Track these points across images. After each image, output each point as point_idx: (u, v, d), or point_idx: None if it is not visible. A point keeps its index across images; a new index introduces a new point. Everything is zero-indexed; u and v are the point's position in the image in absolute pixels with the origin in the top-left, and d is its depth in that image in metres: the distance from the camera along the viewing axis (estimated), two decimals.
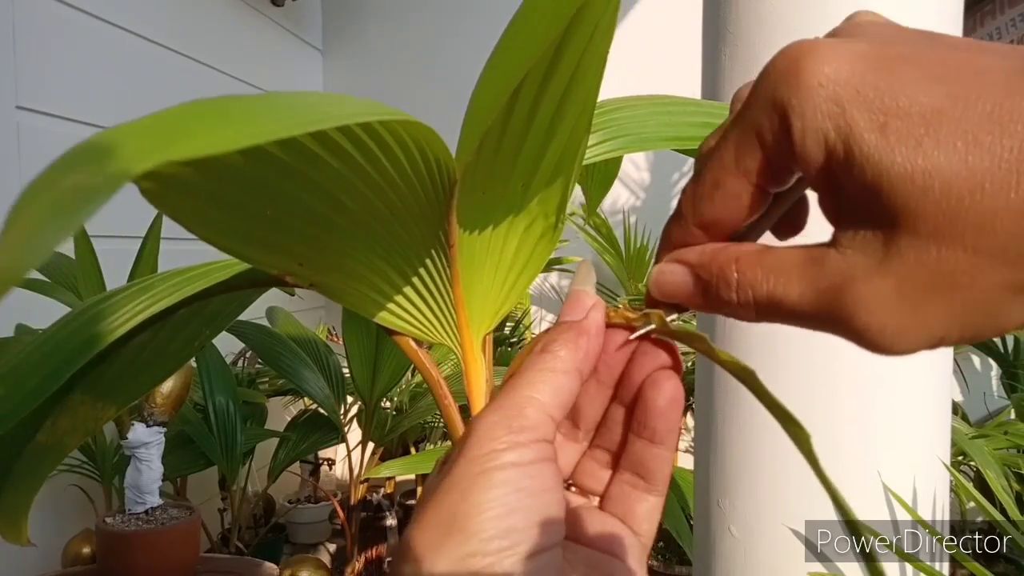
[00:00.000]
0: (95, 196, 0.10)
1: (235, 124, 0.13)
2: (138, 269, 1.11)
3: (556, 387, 0.23)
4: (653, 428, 0.25)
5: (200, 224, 0.22)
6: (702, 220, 0.22)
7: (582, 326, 0.24)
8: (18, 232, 0.09)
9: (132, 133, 0.12)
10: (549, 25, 0.20)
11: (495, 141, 0.23)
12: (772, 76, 0.19)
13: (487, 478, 0.21)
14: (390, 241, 0.24)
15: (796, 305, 0.20)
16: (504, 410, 0.22)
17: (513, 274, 0.27)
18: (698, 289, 0.22)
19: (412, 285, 0.26)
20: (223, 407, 1.41)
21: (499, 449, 0.21)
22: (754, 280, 0.20)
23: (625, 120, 0.32)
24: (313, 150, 0.19)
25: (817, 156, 0.18)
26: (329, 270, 0.25)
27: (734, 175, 0.21)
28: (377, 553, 1.66)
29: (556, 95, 0.23)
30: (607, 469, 0.27)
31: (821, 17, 0.72)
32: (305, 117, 0.14)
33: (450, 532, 0.20)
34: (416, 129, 0.19)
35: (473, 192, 0.24)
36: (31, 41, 1.35)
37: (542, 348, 0.24)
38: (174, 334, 0.35)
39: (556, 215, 0.26)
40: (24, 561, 1.31)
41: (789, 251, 0.20)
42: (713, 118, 0.34)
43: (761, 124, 0.19)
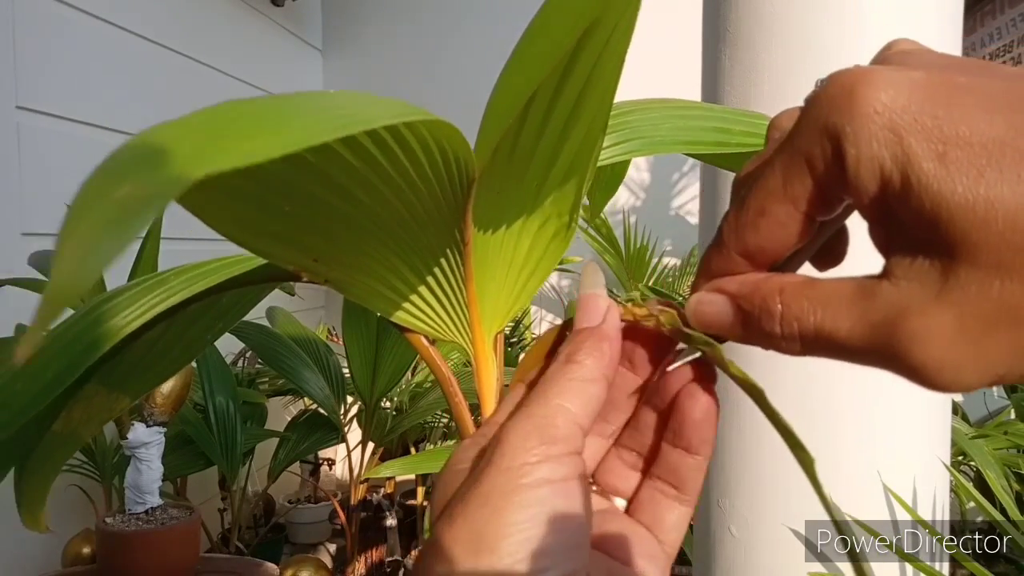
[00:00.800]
0: (150, 206, 0.10)
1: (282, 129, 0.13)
2: (138, 269, 1.11)
3: (586, 397, 0.23)
4: (688, 439, 0.24)
5: (220, 219, 0.22)
6: (745, 248, 0.21)
7: (603, 332, 0.24)
8: (72, 249, 0.09)
9: (180, 138, 0.12)
10: (570, 28, 0.20)
11: (511, 141, 0.23)
12: (824, 102, 0.19)
13: (520, 496, 0.20)
14: (406, 239, 0.24)
15: (846, 340, 0.19)
16: (536, 419, 0.22)
17: (525, 273, 0.28)
18: (739, 320, 0.22)
19: (426, 283, 0.26)
20: (223, 407, 1.41)
21: (532, 463, 0.21)
22: (800, 312, 0.20)
23: (639, 123, 0.32)
24: (336, 149, 0.19)
25: (871, 185, 0.18)
26: (345, 267, 0.25)
27: (781, 202, 0.20)
28: (378, 555, 1.66)
29: (572, 96, 0.23)
30: (635, 471, 0.26)
31: (821, 18, 0.72)
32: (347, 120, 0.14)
33: (480, 550, 0.20)
34: (439, 128, 0.19)
35: (488, 191, 0.24)
36: (31, 41, 1.35)
37: (567, 358, 0.23)
38: (187, 326, 0.35)
39: (570, 215, 0.26)
40: (24, 561, 1.30)
41: (837, 282, 0.20)
42: (726, 123, 0.34)
43: (812, 150, 0.19)
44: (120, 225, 0.10)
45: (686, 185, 2.42)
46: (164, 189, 0.10)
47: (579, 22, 0.20)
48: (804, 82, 0.73)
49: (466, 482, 0.22)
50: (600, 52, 0.22)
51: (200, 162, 0.11)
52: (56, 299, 0.09)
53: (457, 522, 0.21)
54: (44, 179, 1.37)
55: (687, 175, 2.41)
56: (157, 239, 1.12)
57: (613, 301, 0.25)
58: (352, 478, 1.60)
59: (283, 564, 1.42)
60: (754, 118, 0.36)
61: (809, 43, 0.73)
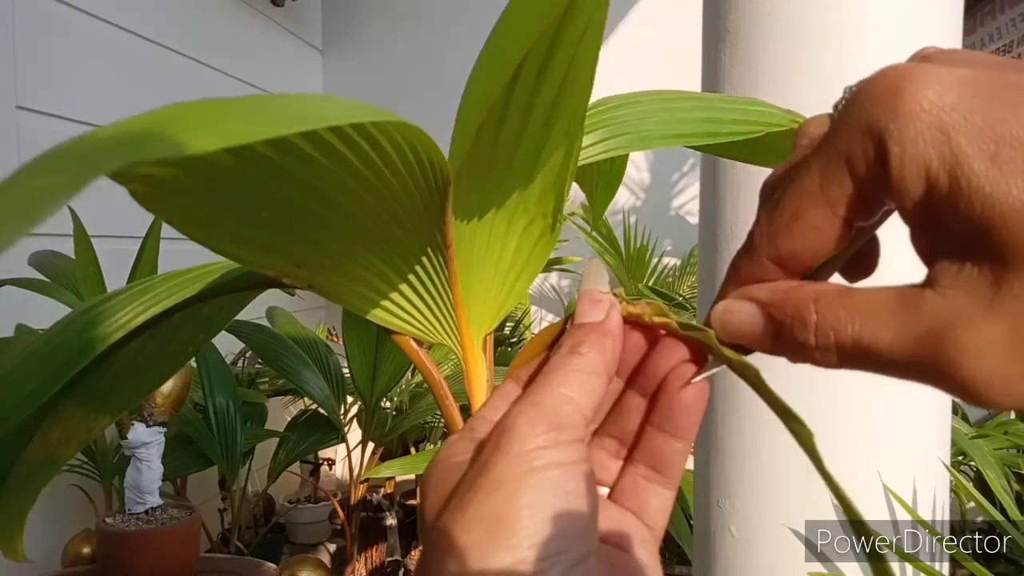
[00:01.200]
0: (56, 196, 0.10)
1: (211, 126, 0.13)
2: (138, 269, 1.11)
3: (589, 388, 0.22)
4: (676, 422, 0.24)
5: (193, 226, 0.22)
6: (777, 254, 0.20)
7: (606, 327, 0.23)
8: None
9: (98, 138, 0.12)
10: (536, 22, 0.20)
11: (490, 142, 0.23)
12: (867, 99, 0.18)
13: (534, 478, 0.20)
14: (387, 241, 0.24)
15: (886, 352, 0.18)
16: (542, 407, 0.22)
17: (513, 274, 0.27)
18: (769, 330, 0.21)
19: (411, 285, 0.26)
20: (223, 407, 1.41)
21: (542, 447, 0.21)
22: (836, 322, 0.19)
23: (625, 117, 0.31)
24: (305, 150, 0.19)
25: (916, 187, 0.17)
26: (327, 271, 0.25)
27: (818, 205, 0.19)
28: (378, 555, 1.66)
29: (550, 95, 0.23)
30: (616, 459, 0.26)
31: (821, 18, 0.72)
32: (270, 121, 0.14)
33: (496, 535, 0.20)
34: (406, 130, 0.19)
35: (470, 193, 0.24)
36: (31, 41, 1.35)
37: (569, 349, 0.23)
38: (168, 339, 0.35)
39: (553, 216, 0.26)
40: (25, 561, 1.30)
41: (877, 291, 0.19)
42: (716, 111, 0.34)
43: (852, 150, 0.18)
44: (26, 211, 0.10)
45: (686, 185, 2.41)
46: (70, 182, 0.11)
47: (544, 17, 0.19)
48: (804, 82, 0.73)
49: (470, 472, 0.22)
50: (575, 48, 0.21)
51: (116, 156, 0.11)
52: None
53: (469, 509, 0.20)
54: None
55: (687, 175, 2.41)
56: (157, 239, 1.12)
57: (616, 299, 0.24)
58: (352, 478, 1.60)
59: (283, 564, 1.42)
60: (744, 104, 0.36)
61: (809, 43, 0.73)
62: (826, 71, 0.72)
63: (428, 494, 0.23)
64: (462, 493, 0.21)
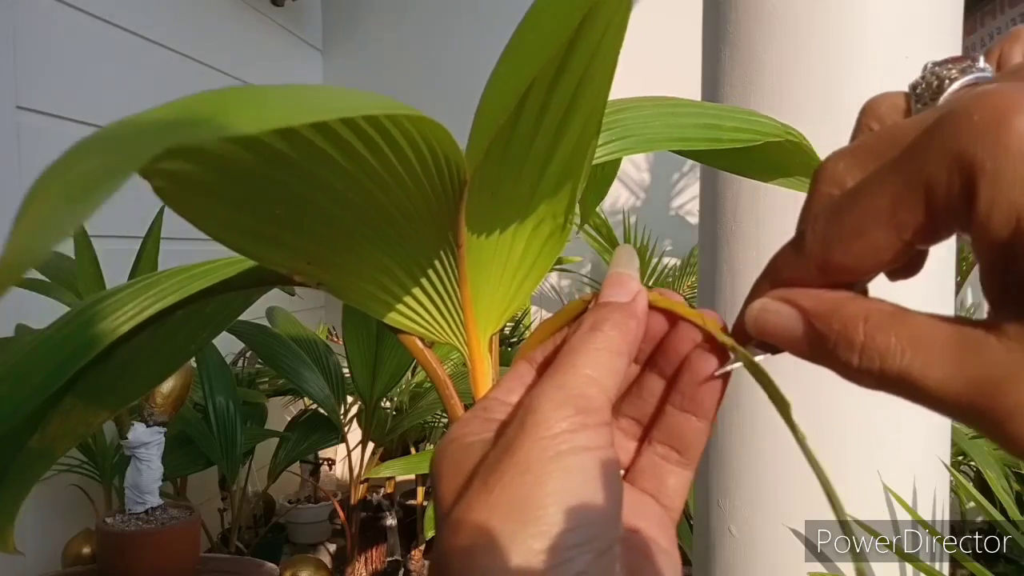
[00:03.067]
0: (106, 182, 0.10)
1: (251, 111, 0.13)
2: (138, 269, 1.11)
3: (612, 368, 0.22)
4: (699, 401, 0.24)
5: (210, 222, 0.22)
6: (827, 263, 0.19)
7: (631, 309, 0.23)
8: (32, 217, 0.09)
9: (141, 123, 0.12)
10: (561, 24, 0.20)
11: (504, 141, 0.23)
12: (963, 126, 0.16)
13: (561, 463, 0.20)
14: (399, 241, 0.24)
15: (934, 390, 0.17)
16: (568, 389, 0.21)
17: (520, 274, 0.27)
18: (809, 339, 0.20)
19: (420, 285, 0.26)
20: (223, 407, 1.41)
21: (569, 430, 0.20)
22: (886, 349, 0.18)
23: (630, 121, 0.32)
24: (320, 146, 0.19)
25: (1002, 232, 0.16)
26: (338, 269, 0.25)
27: (884, 227, 0.18)
28: (378, 555, 1.66)
29: (566, 95, 0.23)
30: (633, 440, 0.26)
31: (821, 17, 0.72)
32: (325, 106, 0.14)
33: (524, 521, 0.19)
34: (426, 126, 0.19)
35: (482, 192, 0.24)
36: (31, 41, 1.35)
37: (591, 327, 0.23)
38: (171, 336, 0.35)
39: (565, 215, 0.26)
40: (24, 561, 1.30)
41: (932, 323, 0.18)
42: (717, 120, 0.34)
43: (935, 178, 0.17)
44: (77, 198, 0.10)
45: (686, 185, 2.41)
46: (118, 168, 0.10)
47: (569, 19, 0.19)
48: (804, 81, 0.73)
49: (492, 453, 0.21)
50: (594, 51, 0.21)
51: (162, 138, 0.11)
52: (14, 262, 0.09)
53: (495, 492, 0.20)
54: None
55: (687, 175, 2.41)
56: (157, 239, 1.12)
57: (644, 287, 0.24)
58: (352, 478, 1.60)
59: (283, 564, 1.42)
60: (745, 115, 0.36)
61: (809, 42, 0.73)
62: (827, 71, 0.72)
63: (443, 474, 0.22)
64: (484, 475, 0.21)
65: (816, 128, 0.76)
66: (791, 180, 0.41)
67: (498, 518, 0.19)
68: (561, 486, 0.19)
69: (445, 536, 0.20)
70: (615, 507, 0.21)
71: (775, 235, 0.75)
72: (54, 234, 0.09)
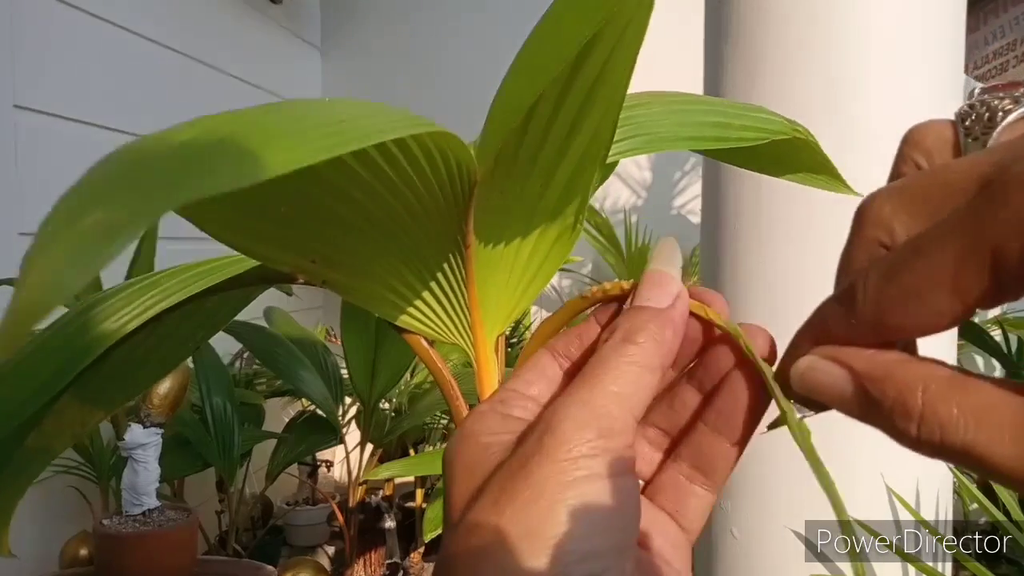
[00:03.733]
0: (120, 234, 0.09)
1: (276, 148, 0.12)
2: (135, 269, 1.10)
3: (641, 385, 0.21)
4: (735, 423, 0.22)
5: (212, 222, 0.21)
6: (880, 322, 0.18)
7: (668, 315, 0.22)
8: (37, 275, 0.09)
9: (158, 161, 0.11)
10: (582, 27, 0.19)
11: (515, 142, 0.23)
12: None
13: (577, 490, 0.19)
14: (407, 242, 0.24)
15: (1003, 467, 0.16)
16: (592, 408, 0.20)
17: (528, 275, 0.27)
18: (860, 403, 0.19)
19: (427, 285, 0.26)
20: (220, 408, 1.41)
21: (588, 455, 0.19)
22: (947, 421, 0.17)
23: (642, 119, 0.31)
24: (341, 158, 0.19)
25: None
26: (343, 269, 0.25)
27: (947, 292, 0.17)
28: (377, 557, 1.65)
29: (581, 94, 0.22)
30: (658, 451, 0.24)
31: (823, 14, 0.72)
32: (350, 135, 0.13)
33: (534, 550, 0.18)
34: (442, 138, 0.19)
35: (491, 193, 0.23)
36: (29, 40, 1.35)
37: (624, 336, 0.21)
38: (169, 335, 0.34)
39: (575, 216, 0.25)
40: (21, 563, 1.30)
41: (998, 393, 0.16)
42: (726, 117, 0.34)
43: (1006, 246, 0.16)
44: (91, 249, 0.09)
45: (688, 184, 2.41)
46: (134, 219, 0.10)
47: (590, 23, 0.19)
48: (805, 79, 0.73)
49: (507, 467, 0.20)
50: (611, 51, 0.21)
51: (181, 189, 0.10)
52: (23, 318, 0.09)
53: (507, 512, 0.19)
54: (42, 179, 1.36)
55: (689, 174, 2.40)
56: (153, 239, 1.12)
57: (684, 287, 0.22)
58: (350, 480, 1.59)
59: (281, 566, 1.42)
60: (753, 111, 0.36)
61: (810, 39, 0.73)
62: (828, 70, 0.72)
63: (456, 474, 0.21)
64: (497, 491, 0.20)
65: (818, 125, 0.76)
66: (800, 176, 0.40)
67: (511, 539, 0.19)
68: (574, 515, 0.19)
69: (456, 542, 0.20)
70: (630, 535, 0.20)
71: (776, 234, 0.75)
72: (61, 293, 0.09)
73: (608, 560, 0.19)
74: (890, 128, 0.72)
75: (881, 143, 0.72)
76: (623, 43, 0.21)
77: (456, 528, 0.20)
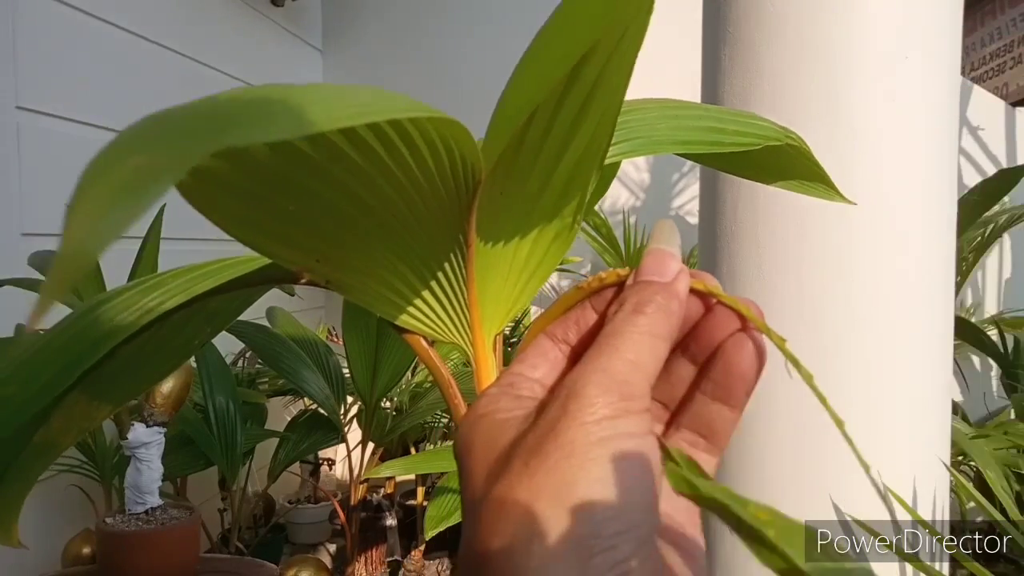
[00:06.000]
0: (161, 177, 0.10)
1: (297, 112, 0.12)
2: (138, 269, 1.11)
3: (655, 353, 0.22)
4: (732, 390, 0.23)
5: (227, 219, 0.22)
6: None
7: (674, 289, 0.23)
8: (84, 215, 0.09)
9: (188, 117, 0.12)
10: (583, 33, 0.19)
11: (517, 143, 0.23)
12: None
13: (606, 449, 0.20)
14: (409, 240, 0.24)
15: None
16: (611, 374, 0.21)
17: (526, 275, 0.27)
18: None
19: (428, 285, 0.26)
20: (223, 407, 1.41)
21: (612, 416, 0.20)
22: None
23: (636, 123, 0.32)
24: (340, 146, 0.19)
25: None
26: (346, 268, 0.25)
27: None
28: (378, 555, 1.66)
29: (580, 96, 0.23)
30: (659, 424, 0.25)
31: (821, 18, 0.72)
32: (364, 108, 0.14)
33: (570, 506, 0.19)
34: (447, 127, 0.19)
35: (492, 192, 0.24)
36: (31, 41, 1.35)
37: (634, 308, 0.22)
38: (175, 332, 0.35)
39: (573, 216, 0.26)
40: (24, 561, 1.30)
41: None
42: (720, 123, 0.34)
43: None
44: (133, 194, 0.09)
45: (686, 185, 2.42)
46: (173, 162, 0.10)
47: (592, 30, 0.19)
48: (804, 82, 0.73)
49: (532, 434, 0.21)
50: (609, 56, 0.21)
51: (215, 137, 0.11)
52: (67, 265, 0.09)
53: (538, 475, 0.19)
54: (44, 179, 1.37)
55: (687, 175, 2.41)
56: (157, 239, 1.12)
57: (684, 266, 0.23)
58: (352, 478, 1.60)
59: (283, 564, 1.42)
60: (747, 118, 0.36)
61: (809, 43, 0.73)
62: (827, 72, 0.72)
63: (474, 450, 0.22)
64: (526, 456, 0.20)
65: (815, 130, 0.76)
66: (791, 183, 0.41)
67: (543, 501, 0.19)
68: (605, 472, 0.19)
69: (485, 516, 0.20)
70: (654, 494, 0.20)
71: (774, 235, 0.75)
72: (106, 236, 0.09)
73: (640, 515, 0.20)
74: (888, 130, 0.73)
75: (880, 144, 0.72)
76: (621, 49, 0.22)
77: (482, 502, 0.21)
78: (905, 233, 0.73)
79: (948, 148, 0.76)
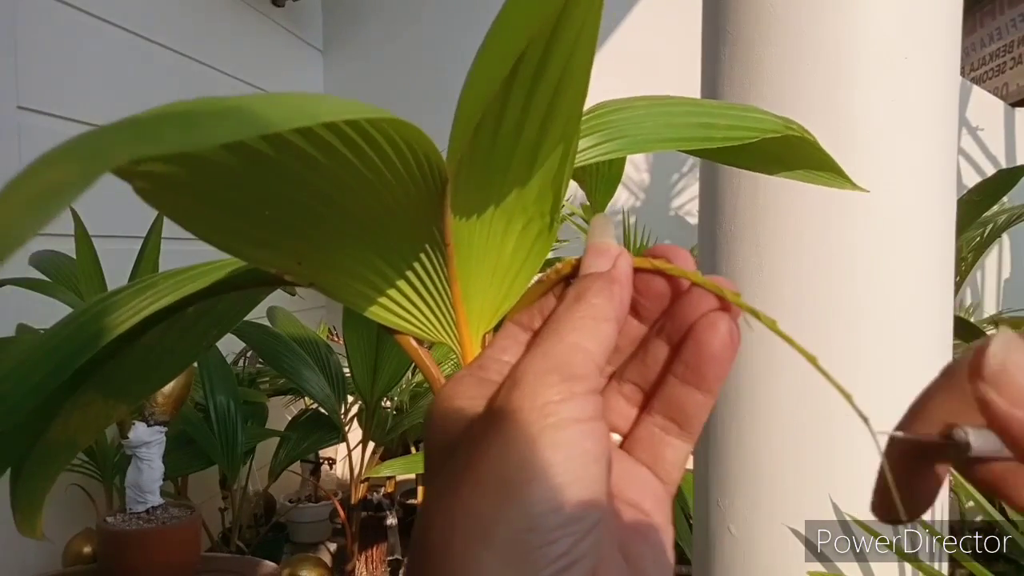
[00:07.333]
0: (68, 191, 0.11)
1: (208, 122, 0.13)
2: (139, 269, 1.11)
3: (600, 335, 0.21)
4: (702, 373, 0.23)
5: (196, 223, 0.22)
6: None
7: (612, 275, 0.22)
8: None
9: (111, 131, 0.13)
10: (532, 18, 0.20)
11: (488, 141, 0.23)
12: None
13: (547, 437, 0.19)
14: (386, 239, 0.24)
15: None
16: (552, 358, 0.20)
17: (511, 274, 0.27)
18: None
19: (410, 283, 0.26)
20: (224, 406, 1.42)
21: (555, 401, 0.19)
22: None
23: (622, 122, 0.32)
24: (304, 148, 0.19)
25: None
26: (327, 268, 0.25)
27: None
28: (379, 554, 1.66)
29: (546, 96, 0.23)
30: (634, 407, 0.25)
31: (821, 17, 0.72)
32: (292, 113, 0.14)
33: (507, 500, 0.19)
34: (402, 128, 0.19)
35: (468, 191, 0.24)
36: (32, 41, 1.36)
37: (575, 298, 0.22)
38: (183, 334, 0.35)
39: (551, 216, 0.26)
40: (25, 560, 1.31)
41: None
42: (711, 117, 0.34)
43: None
44: (39, 206, 0.10)
45: (686, 186, 2.41)
46: (81, 177, 0.11)
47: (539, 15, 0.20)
48: (804, 81, 0.73)
49: (477, 426, 0.20)
50: (570, 51, 0.21)
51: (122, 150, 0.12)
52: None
53: (480, 468, 0.19)
54: None
55: (687, 175, 2.41)
56: (158, 239, 1.13)
57: (624, 249, 0.23)
58: (352, 477, 1.60)
59: (283, 563, 1.43)
60: (742, 111, 0.36)
61: (809, 43, 0.73)
62: (826, 71, 0.72)
63: (432, 435, 0.22)
64: (469, 450, 0.20)
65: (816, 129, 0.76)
66: (797, 173, 0.40)
67: (482, 496, 0.19)
68: (546, 462, 0.19)
69: (427, 508, 0.20)
70: (602, 483, 0.20)
71: (774, 235, 0.75)
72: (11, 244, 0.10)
73: (582, 508, 0.19)
74: (888, 130, 0.73)
75: (879, 144, 0.72)
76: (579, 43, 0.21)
77: (433, 482, 0.21)
78: (904, 233, 0.73)
79: (947, 148, 0.76)
